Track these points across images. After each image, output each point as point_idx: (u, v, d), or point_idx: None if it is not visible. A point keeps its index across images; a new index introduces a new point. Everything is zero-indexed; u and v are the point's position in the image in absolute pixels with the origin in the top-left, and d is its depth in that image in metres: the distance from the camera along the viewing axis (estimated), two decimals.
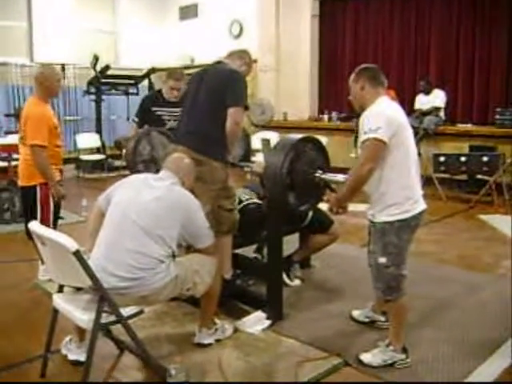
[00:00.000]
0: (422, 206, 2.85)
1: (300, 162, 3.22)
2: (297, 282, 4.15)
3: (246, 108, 3.49)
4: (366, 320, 3.41)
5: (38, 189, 4.06)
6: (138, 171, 4.05)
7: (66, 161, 10.66)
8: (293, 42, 10.69)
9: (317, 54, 10.87)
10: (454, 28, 9.04)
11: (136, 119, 4.77)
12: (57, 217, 4.27)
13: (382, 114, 2.74)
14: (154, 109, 4.64)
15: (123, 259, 2.62)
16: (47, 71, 4.11)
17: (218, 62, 3.66)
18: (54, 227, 4.06)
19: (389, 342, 2.92)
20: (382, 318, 3.32)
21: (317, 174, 3.25)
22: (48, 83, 4.04)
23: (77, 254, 2.36)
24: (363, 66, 3.01)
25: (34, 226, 2.64)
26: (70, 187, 9.02)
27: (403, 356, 2.88)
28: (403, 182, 2.77)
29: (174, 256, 2.80)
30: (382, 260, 2.80)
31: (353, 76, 2.98)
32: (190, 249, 3.04)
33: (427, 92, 8.57)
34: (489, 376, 2.85)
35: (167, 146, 4.00)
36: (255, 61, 10.72)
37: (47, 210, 4.11)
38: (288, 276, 4.10)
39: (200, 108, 3.49)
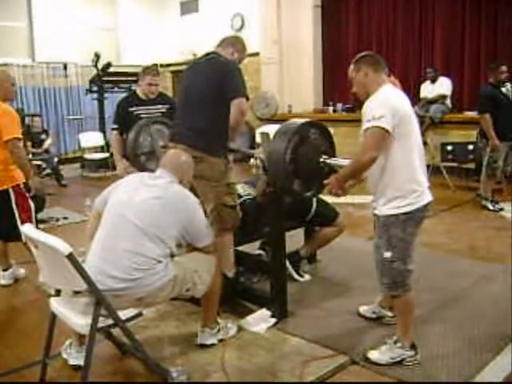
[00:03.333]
0: (427, 198, 2.73)
1: (304, 147, 3.09)
2: (306, 277, 4.06)
3: (247, 98, 3.39)
4: (374, 316, 3.31)
5: (12, 192, 3.98)
6: (140, 164, 4.00)
7: (71, 160, 10.81)
8: (295, 34, 10.56)
9: (320, 45, 10.74)
10: (459, 14, 8.88)
11: (115, 126, 4.59)
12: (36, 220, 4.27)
13: (387, 103, 2.63)
14: (131, 109, 4.50)
15: (119, 260, 2.55)
16: (1, 75, 4.08)
17: (209, 54, 3.54)
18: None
19: (396, 338, 2.82)
20: (390, 314, 3.22)
21: (321, 159, 3.12)
22: (2, 87, 4.00)
23: (70, 256, 2.28)
24: (361, 54, 2.90)
25: (27, 228, 2.56)
26: (75, 186, 9.05)
27: (412, 353, 2.78)
28: (407, 174, 2.67)
29: (172, 256, 2.72)
30: (387, 254, 2.71)
31: (352, 66, 2.87)
32: (189, 246, 2.95)
33: (433, 80, 8.43)
34: (501, 371, 2.75)
35: (166, 135, 3.95)
36: (257, 54, 10.67)
37: (27, 211, 4.04)
38: (297, 272, 4.02)
39: (195, 103, 3.39)
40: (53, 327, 2.75)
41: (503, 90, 6.39)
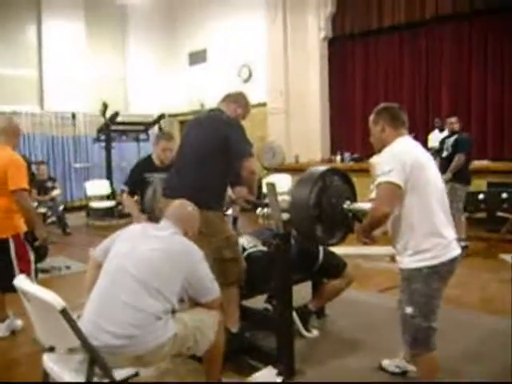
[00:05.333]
0: (453, 251, 2.61)
1: (327, 192, 3.03)
2: (315, 332, 3.90)
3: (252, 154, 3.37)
4: (397, 370, 3.15)
5: (11, 241, 3.87)
6: (155, 216, 3.94)
7: (76, 208, 10.76)
8: (302, 84, 10.63)
9: (327, 95, 10.80)
10: (465, 63, 8.96)
11: (125, 188, 4.58)
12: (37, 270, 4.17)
13: (396, 155, 2.57)
14: (146, 175, 4.51)
15: (116, 314, 2.41)
16: (14, 124, 4.12)
17: (213, 110, 3.55)
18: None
19: None
20: (415, 369, 3.01)
21: (345, 206, 3.03)
22: (14, 136, 4.04)
23: (63, 312, 2.16)
24: (383, 105, 2.84)
25: (20, 280, 2.45)
26: (79, 235, 8.94)
27: None
28: (427, 228, 2.55)
29: (173, 311, 2.58)
30: (409, 310, 2.58)
31: (372, 117, 2.82)
32: (191, 301, 2.81)
33: (441, 129, 8.41)
34: None
35: None
36: (264, 104, 10.73)
37: (26, 261, 3.93)
38: (305, 327, 3.85)
39: (192, 159, 3.37)
40: None
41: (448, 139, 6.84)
